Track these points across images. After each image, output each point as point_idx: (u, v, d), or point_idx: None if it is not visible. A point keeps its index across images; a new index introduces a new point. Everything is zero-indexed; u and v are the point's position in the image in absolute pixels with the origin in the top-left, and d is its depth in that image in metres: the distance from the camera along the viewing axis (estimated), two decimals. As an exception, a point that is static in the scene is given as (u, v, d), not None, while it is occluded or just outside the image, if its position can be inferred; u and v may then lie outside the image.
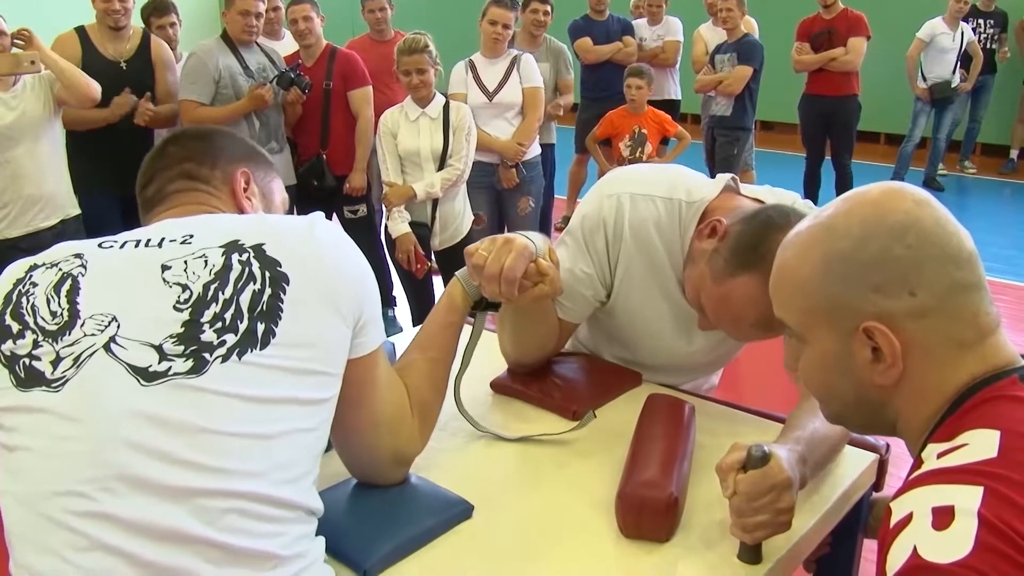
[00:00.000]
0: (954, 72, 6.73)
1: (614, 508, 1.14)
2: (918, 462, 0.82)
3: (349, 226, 4.21)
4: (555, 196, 5.21)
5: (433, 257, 3.76)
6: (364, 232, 4.20)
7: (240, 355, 0.93)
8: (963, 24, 6.77)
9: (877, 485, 1.35)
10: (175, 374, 0.91)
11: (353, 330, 1.05)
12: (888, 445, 1.35)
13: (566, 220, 6.05)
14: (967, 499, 0.72)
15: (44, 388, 0.91)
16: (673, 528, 1.13)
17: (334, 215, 4.28)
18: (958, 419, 0.82)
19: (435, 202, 3.60)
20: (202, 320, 0.94)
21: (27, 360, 0.92)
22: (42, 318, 0.95)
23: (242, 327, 0.94)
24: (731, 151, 5.42)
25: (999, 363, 0.84)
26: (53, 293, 0.97)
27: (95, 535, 0.85)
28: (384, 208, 3.68)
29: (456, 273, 1.33)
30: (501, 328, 1.55)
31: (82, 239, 1.06)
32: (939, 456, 0.79)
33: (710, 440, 1.33)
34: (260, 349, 0.94)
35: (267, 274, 0.98)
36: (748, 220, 1.31)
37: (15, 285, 1.00)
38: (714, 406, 1.51)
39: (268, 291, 0.97)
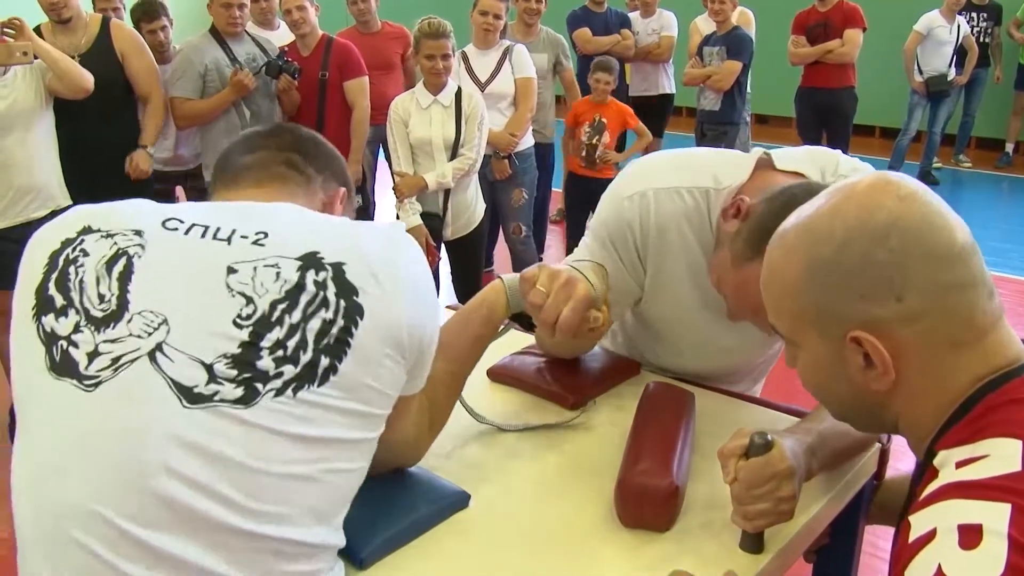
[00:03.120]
0: (950, 65, 6.73)
1: (613, 497, 1.12)
2: (932, 471, 0.79)
3: None
4: (552, 189, 5.19)
5: (443, 248, 3.73)
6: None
7: (296, 391, 0.85)
8: (959, 17, 6.77)
9: (878, 475, 1.34)
10: (221, 400, 0.83)
11: (408, 372, 0.98)
12: (889, 435, 1.34)
13: (561, 213, 6.04)
14: (995, 518, 0.69)
15: (75, 383, 0.84)
16: (674, 517, 1.12)
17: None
18: (969, 424, 0.79)
19: (447, 192, 3.56)
20: (262, 344, 0.85)
21: (64, 343, 0.85)
22: (88, 299, 0.87)
23: (304, 359, 0.86)
24: (719, 146, 5.37)
25: (1002, 362, 0.81)
26: (104, 272, 0.88)
27: (118, 564, 0.79)
28: (395, 199, 3.61)
29: (504, 278, 1.26)
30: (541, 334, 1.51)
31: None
32: (958, 466, 0.76)
33: (712, 429, 1.31)
34: (318, 386, 0.86)
35: (342, 303, 0.88)
36: (771, 199, 1.20)
37: (63, 246, 0.92)
38: (717, 395, 1.49)
39: (340, 323, 0.88)
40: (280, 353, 0.85)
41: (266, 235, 0.92)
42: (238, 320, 0.86)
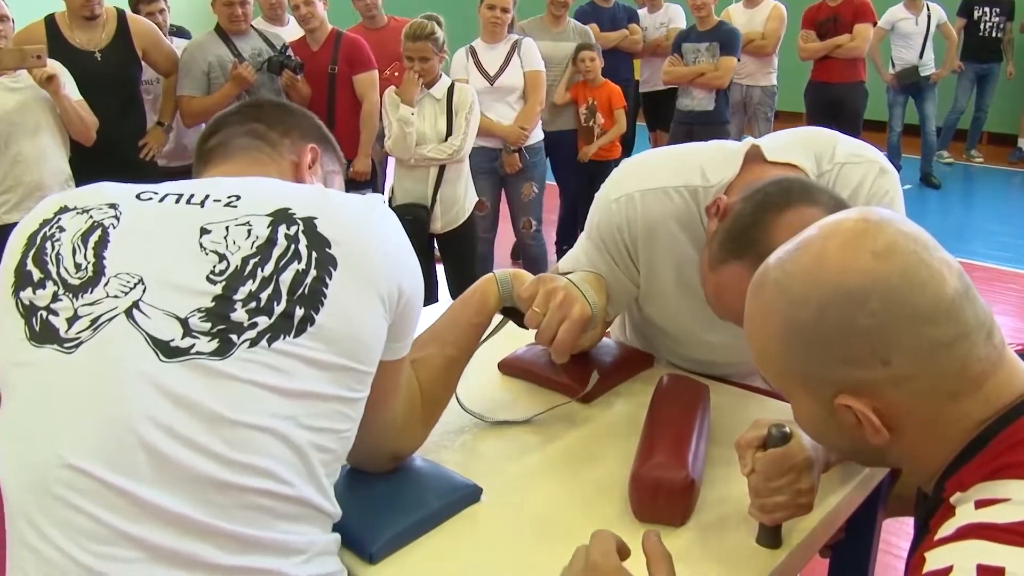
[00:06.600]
0: (920, 57, 6.71)
1: (628, 491, 1.11)
2: (947, 508, 0.76)
3: None
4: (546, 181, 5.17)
5: (435, 242, 3.73)
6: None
7: (271, 341, 0.85)
8: (934, 7, 6.73)
9: (894, 471, 1.32)
10: (198, 353, 0.83)
11: (390, 329, 0.97)
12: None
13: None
14: (1019, 563, 0.66)
15: (56, 347, 0.85)
16: (689, 511, 1.10)
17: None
18: (985, 464, 0.76)
19: (437, 185, 3.55)
20: (235, 297, 0.86)
21: (44, 313, 0.87)
22: (65, 269, 0.89)
23: (278, 310, 0.86)
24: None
25: (1008, 399, 0.77)
26: (80, 243, 0.90)
27: (102, 516, 0.79)
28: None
29: (496, 272, 1.28)
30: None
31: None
32: (978, 506, 0.73)
33: (727, 422, 1.30)
34: (294, 337, 0.86)
35: (314, 255, 0.89)
36: (745, 200, 1.18)
37: (41, 226, 0.93)
38: (732, 388, 1.47)
39: (313, 273, 0.88)
40: (253, 305, 0.86)
41: (239, 197, 0.94)
42: (211, 276, 0.87)
